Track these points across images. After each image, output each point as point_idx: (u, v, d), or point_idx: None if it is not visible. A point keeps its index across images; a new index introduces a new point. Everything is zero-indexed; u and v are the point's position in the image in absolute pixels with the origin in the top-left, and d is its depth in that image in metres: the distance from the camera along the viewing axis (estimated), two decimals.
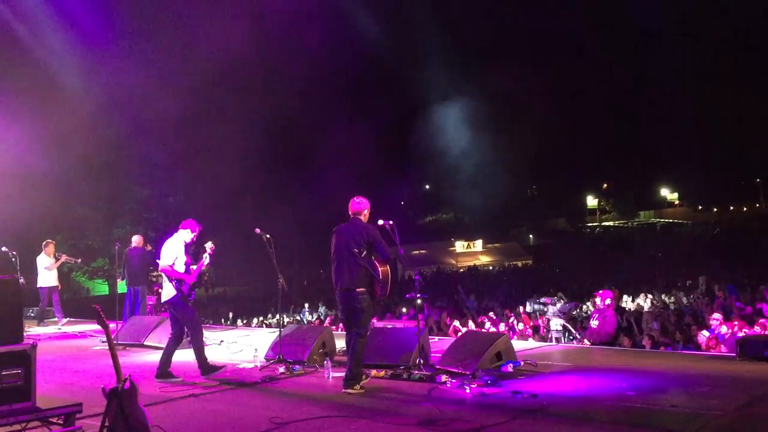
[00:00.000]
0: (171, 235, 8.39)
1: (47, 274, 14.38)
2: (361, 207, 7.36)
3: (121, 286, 13.81)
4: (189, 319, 8.10)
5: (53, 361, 9.53)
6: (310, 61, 32.09)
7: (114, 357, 5.01)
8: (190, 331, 8.18)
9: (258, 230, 8.85)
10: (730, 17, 45.14)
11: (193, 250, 8.42)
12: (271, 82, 30.99)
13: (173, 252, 8.10)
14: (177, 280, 7.99)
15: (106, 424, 4.80)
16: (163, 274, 8.24)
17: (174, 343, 8.11)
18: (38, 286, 14.48)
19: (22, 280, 10.80)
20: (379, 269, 7.14)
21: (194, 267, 8.21)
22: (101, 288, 31.74)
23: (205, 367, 7.99)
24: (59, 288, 14.78)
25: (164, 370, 7.91)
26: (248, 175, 30.96)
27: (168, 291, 8.08)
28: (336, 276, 7.23)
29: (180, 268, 8.04)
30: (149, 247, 14.11)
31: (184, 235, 8.28)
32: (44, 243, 14.62)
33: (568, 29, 39.57)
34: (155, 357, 8.36)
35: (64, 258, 14.95)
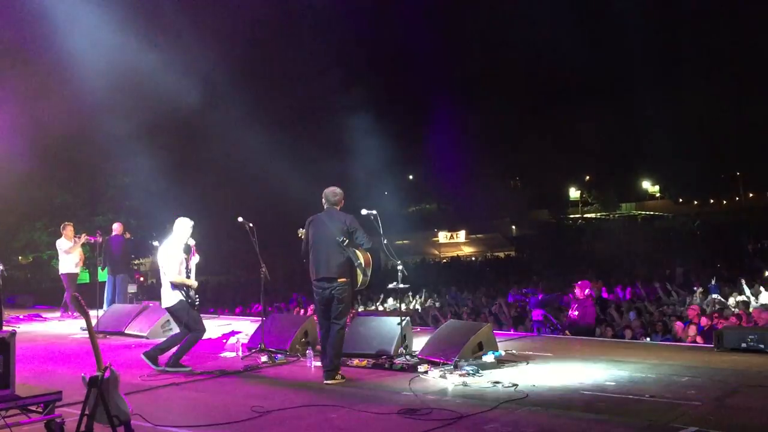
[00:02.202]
0: (164, 220, 8.12)
1: (66, 259, 13.56)
2: (337, 197, 7.34)
3: (102, 275, 13.67)
4: (194, 320, 7.79)
5: (33, 349, 9.47)
6: (293, 44, 32.03)
7: (94, 345, 4.98)
8: (192, 330, 7.77)
9: (241, 219, 8.80)
10: (709, 11, 45.50)
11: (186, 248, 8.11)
12: (256, 70, 30.85)
13: (176, 259, 7.78)
14: (186, 287, 7.75)
15: (86, 412, 4.77)
16: (161, 273, 7.90)
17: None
18: (60, 272, 13.77)
19: (1, 268, 10.68)
20: (362, 257, 7.17)
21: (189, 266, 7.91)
22: (82, 276, 31.51)
23: (175, 361, 7.70)
24: (77, 276, 13.87)
25: (176, 360, 7.73)
26: (230, 163, 30.82)
27: (170, 297, 7.76)
28: (315, 266, 7.17)
29: (183, 272, 7.79)
30: (128, 235, 13.97)
31: (180, 236, 7.93)
32: (62, 225, 13.84)
33: (550, 21, 39.67)
34: (136, 345, 8.31)
35: (83, 239, 13.51)
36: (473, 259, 46.05)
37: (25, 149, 21.08)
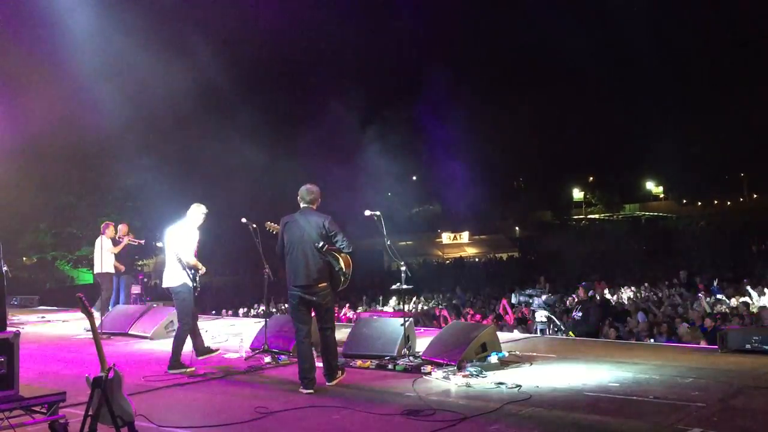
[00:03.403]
0: (167, 221, 8.14)
1: (109, 258, 12.81)
2: (312, 196, 7.05)
3: None
4: (187, 309, 7.82)
5: (37, 350, 9.48)
6: (289, 40, 32.09)
7: (98, 346, 4.99)
8: (181, 321, 7.85)
9: (244, 219, 8.81)
10: (716, 15, 45.53)
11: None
12: (261, 71, 30.97)
13: (191, 240, 7.82)
14: (195, 269, 7.77)
15: (90, 413, 4.78)
16: (168, 260, 7.88)
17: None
18: (95, 272, 13.03)
19: (5, 269, 10.66)
20: (342, 261, 6.99)
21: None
22: (86, 277, 31.53)
23: (175, 362, 7.69)
24: (122, 270, 13.10)
25: (176, 360, 7.74)
26: (234, 164, 30.90)
27: (176, 277, 7.75)
28: (294, 271, 6.87)
29: (193, 255, 7.82)
30: (132, 236, 13.95)
31: (195, 220, 7.97)
32: (104, 224, 13.15)
33: (554, 25, 39.69)
34: (140, 346, 8.31)
35: (127, 239, 13.05)
36: (477, 260, 46.05)
37: (27, 152, 21.15)
